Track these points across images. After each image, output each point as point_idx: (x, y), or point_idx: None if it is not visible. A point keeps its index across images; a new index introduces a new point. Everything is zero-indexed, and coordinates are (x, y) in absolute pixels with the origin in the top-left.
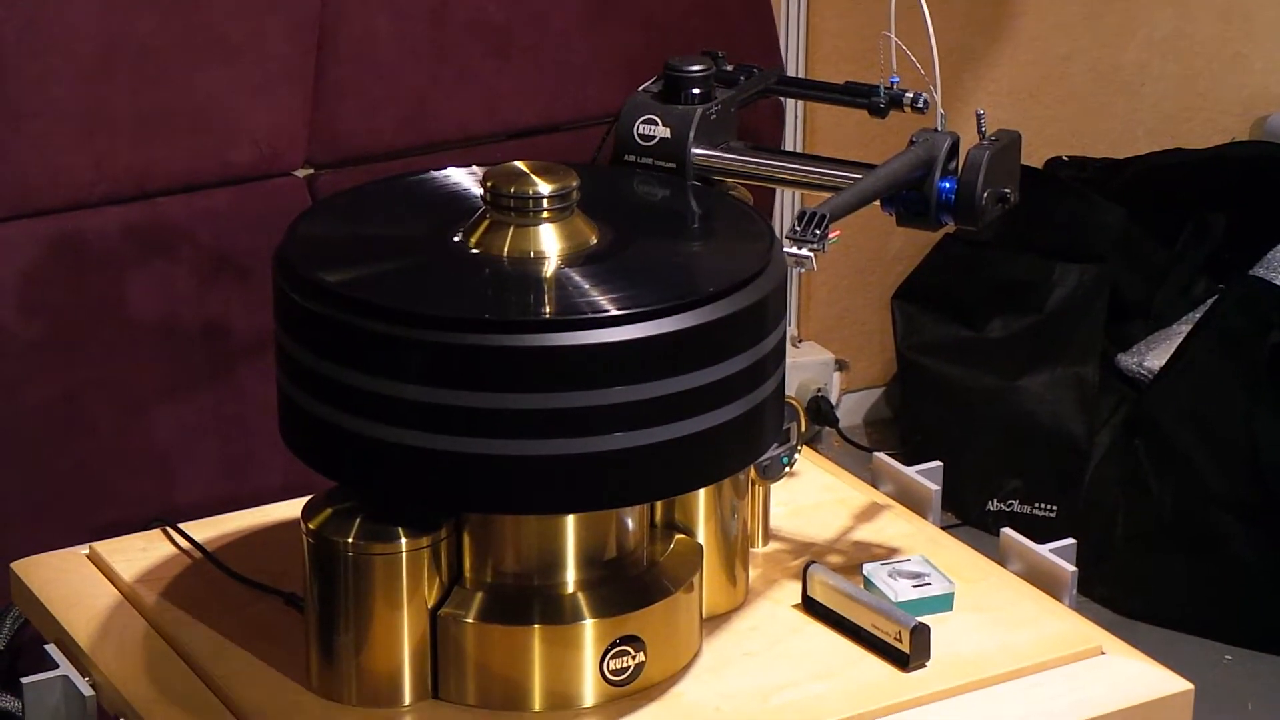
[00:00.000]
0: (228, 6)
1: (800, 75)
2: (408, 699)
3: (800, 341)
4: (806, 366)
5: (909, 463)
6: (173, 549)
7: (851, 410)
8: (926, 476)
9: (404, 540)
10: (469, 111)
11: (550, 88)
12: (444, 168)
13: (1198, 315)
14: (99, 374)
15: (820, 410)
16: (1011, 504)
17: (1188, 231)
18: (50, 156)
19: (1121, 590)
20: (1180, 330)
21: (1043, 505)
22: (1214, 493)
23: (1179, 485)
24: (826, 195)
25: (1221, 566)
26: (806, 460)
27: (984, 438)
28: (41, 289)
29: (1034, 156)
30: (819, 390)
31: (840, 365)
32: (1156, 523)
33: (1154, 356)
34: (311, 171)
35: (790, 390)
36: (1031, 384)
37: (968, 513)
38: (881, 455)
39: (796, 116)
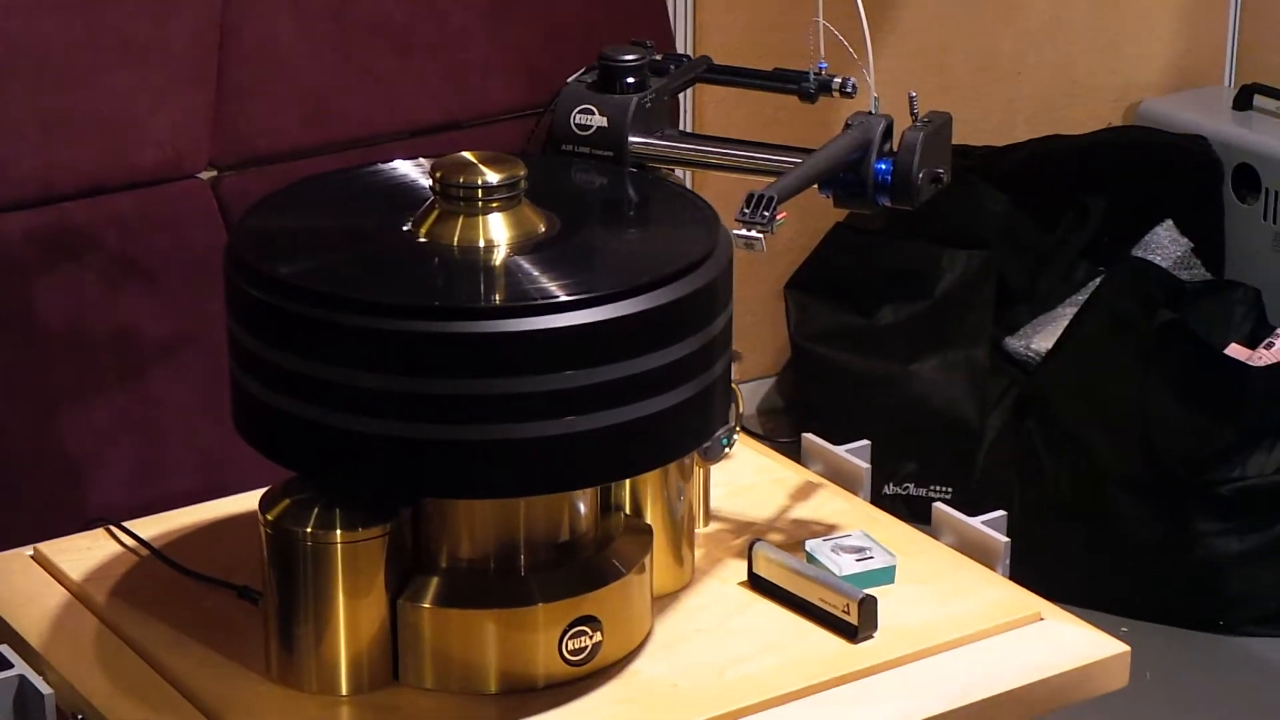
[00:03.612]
0: (129, 9)
1: None
2: (368, 685)
3: None
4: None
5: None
6: (118, 548)
7: (745, 400)
8: (856, 455)
9: (362, 529)
10: (372, 110)
11: (451, 85)
12: (391, 160)
13: (1081, 298)
14: (7, 378)
15: None
16: (908, 487)
17: (1068, 216)
18: None
19: (1019, 567)
20: (1065, 313)
21: (938, 487)
22: (1106, 470)
23: (1072, 463)
24: (762, 180)
25: (1116, 541)
26: (739, 442)
27: (878, 423)
28: None
29: None
30: None
31: (735, 356)
32: (1051, 501)
33: (1040, 339)
34: (215, 174)
35: None
36: (923, 369)
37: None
38: (810, 436)
39: (685, 111)
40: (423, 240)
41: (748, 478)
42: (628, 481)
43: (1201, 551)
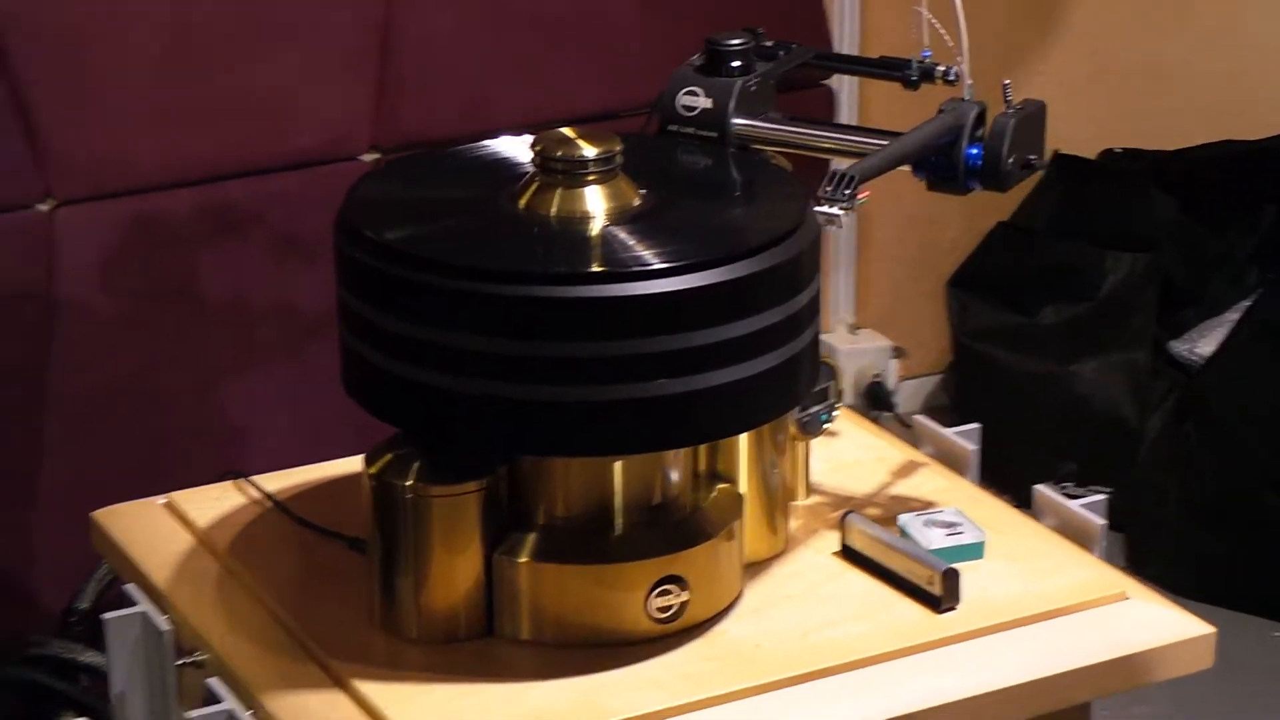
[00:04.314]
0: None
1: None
2: (465, 634)
3: (858, 329)
4: (864, 353)
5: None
6: (244, 499)
7: (909, 397)
8: (965, 438)
9: (461, 484)
10: (527, 100)
11: (604, 77)
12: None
13: (1248, 303)
14: (173, 350)
15: (877, 395)
16: (1066, 487)
17: (1239, 222)
18: (124, 141)
19: (1172, 569)
20: (1230, 318)
21: (1097, 487)
22: (1263, 473)
23: (1229, 467)
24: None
25: (1270, 544)
26: (848, 421)
27: (1038, 422)
28: (117, 269)
29: (1088, 148)
30: (876, 376)
31: (898, 352)
32: (1207, 503)
33: (1205, 343)
34: (377, 156)
35: (848, 376)
36: (1084, 369)
37: (1024, 496)
38: (921, 417)
39: (852, 106)
40: (523, 210)
41: (852, 455)
42: (723, 451)
43: None
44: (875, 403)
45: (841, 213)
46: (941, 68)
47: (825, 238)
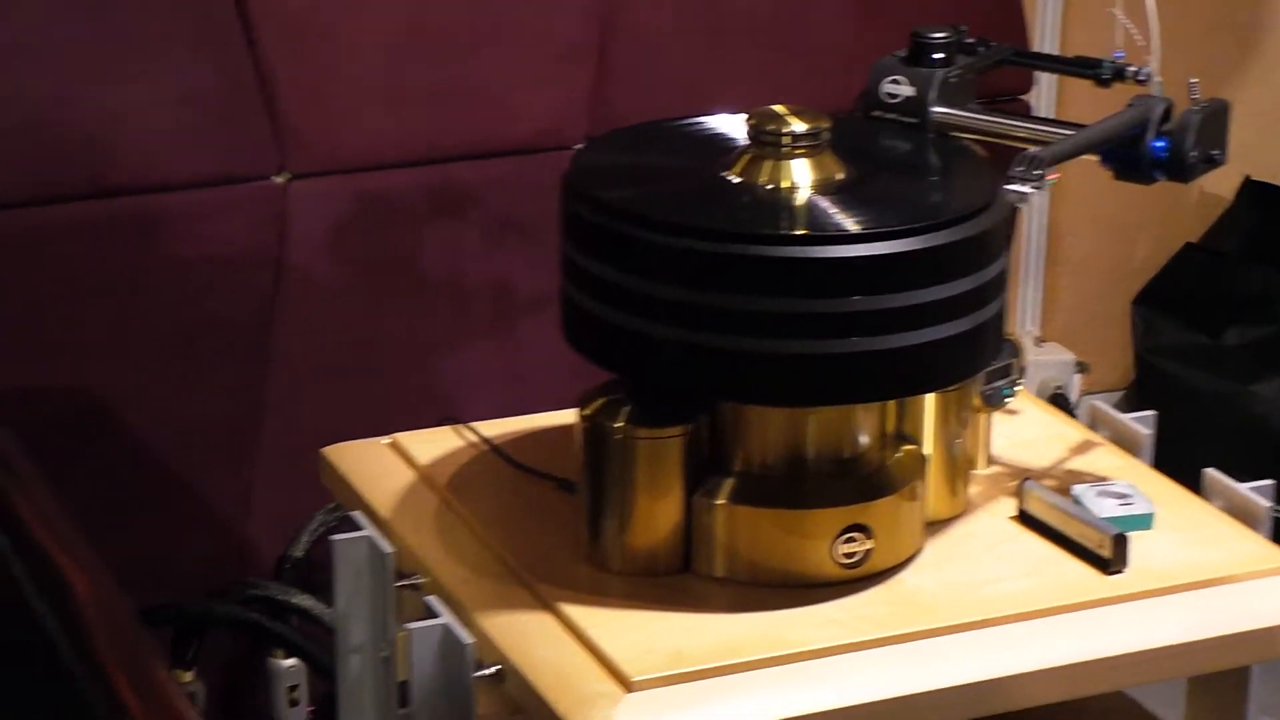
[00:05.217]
0: None
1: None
2: (663, 569)
3: (1042, 342)
4: (1048, 365)
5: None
6: (461, 443)
7: (1090, 412)
8: (1140, 423)
9: (666, 428)
10: (739, 98)
11: (811, 77)
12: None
13: None
14: (391, 320)
15: (1059, 408)
16: None
17: None
18: (358, 121)
19: None
20: None
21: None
22: None
23: None
24: None
25: None
26: (1028, 401)
27: (1219, 439)
28: (345, 241)
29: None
30: (1059, 388)
31: (1081, 367)
32: None
33: None
34: None
35: (1031, 388)
36: (1264, 389)
37: None
38: (1096, 402)
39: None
40: (735, 179)
41: (1032, 433)
42: (910, 415)
43: None
44: None
45: (1031, 191)
46: (1133, 68)
47: (1015, 250)
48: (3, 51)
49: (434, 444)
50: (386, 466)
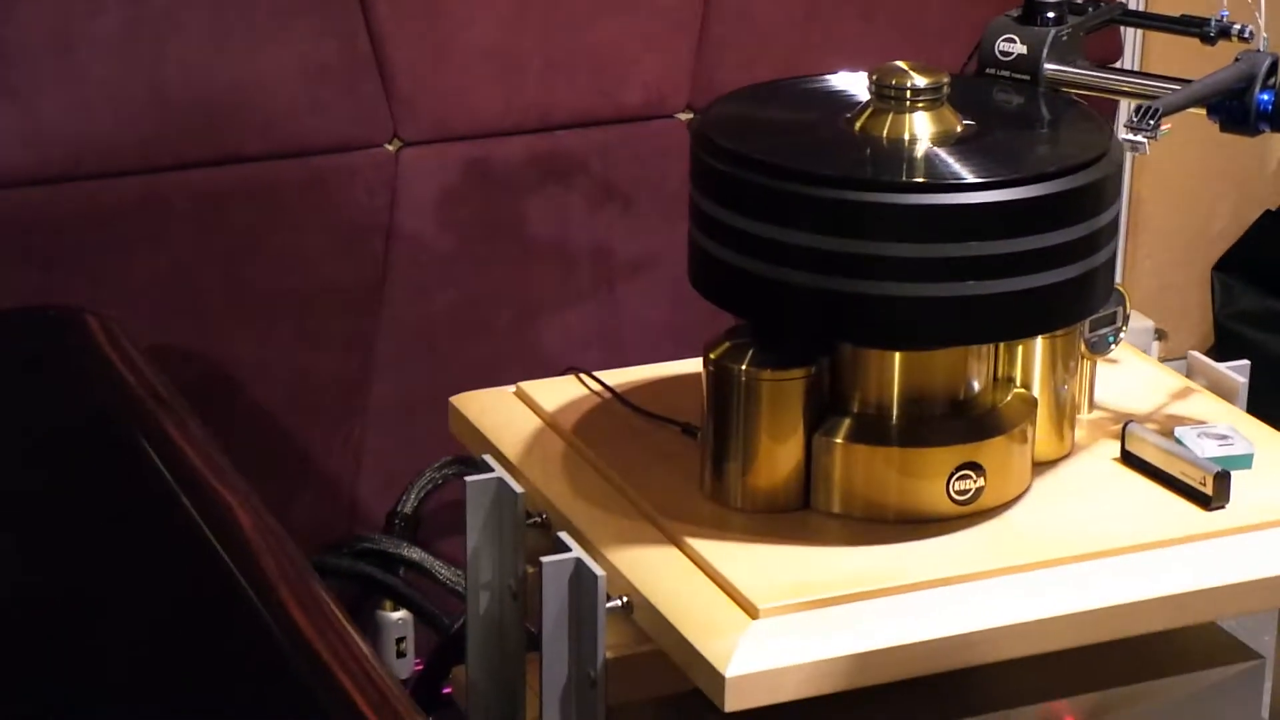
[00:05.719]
0: None
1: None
2: (784, 505)
3: None
4: (1128, 333)
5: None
6: (583, 391)
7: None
8: (1236, 371)
9: (788, 370)
10: (837, 67)
11: (911, 46)
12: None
13: None
14: (497, 284)
15: None
16: None
17: None
18: (468, 90)
19: None
20: None
21: None
22: None
23: None
24: None
25: None
26: (1128, 352)
27: None
28: (454, 206)
29: None
30: None
31: (1159, 334)
32: None
33: None
34: (692, 115)
35: None
36: None
37: None
38: (1195, 353)
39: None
40: (857, 131)
41: (1132, 380)
42: (1020, 360)
43: None
44: None
45: (1146, 141)
46: (1238, 26)
47: None
48: (140, 23)
49: (557, 392)
50: (513, 413)
